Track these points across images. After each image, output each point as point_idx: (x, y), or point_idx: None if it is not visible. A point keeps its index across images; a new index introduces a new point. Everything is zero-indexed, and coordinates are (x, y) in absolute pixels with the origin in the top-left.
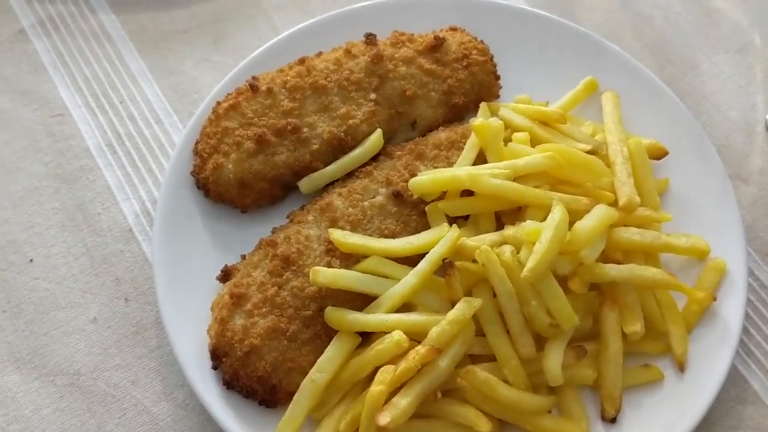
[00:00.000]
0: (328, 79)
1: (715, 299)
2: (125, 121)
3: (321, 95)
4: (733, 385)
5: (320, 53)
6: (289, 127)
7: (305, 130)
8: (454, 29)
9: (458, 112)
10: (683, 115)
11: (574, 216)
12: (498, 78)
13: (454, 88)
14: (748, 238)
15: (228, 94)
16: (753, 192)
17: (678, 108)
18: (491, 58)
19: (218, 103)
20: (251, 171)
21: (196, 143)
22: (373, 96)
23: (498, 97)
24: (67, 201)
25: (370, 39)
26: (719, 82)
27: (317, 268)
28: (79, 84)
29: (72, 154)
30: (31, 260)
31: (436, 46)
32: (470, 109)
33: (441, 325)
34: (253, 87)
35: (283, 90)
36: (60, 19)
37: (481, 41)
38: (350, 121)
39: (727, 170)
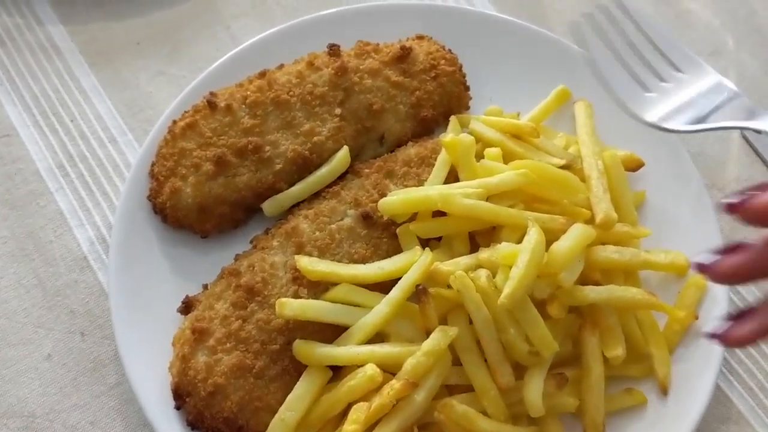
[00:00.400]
0: (291, 93)
1: (697, 318)
2: (77, 141)
3: (284, 111)
4: (717, 404)
5: (282, 65)
6: (250, 146)
7: (267, 148)
8: (420, 37)
9: (427, 125)
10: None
11: (550, 236)
12: (468, 89)
13: (423, 100)
14: None
15: (185, 111)
16: None
17: None
18: (460, 68)
19: (174, 122)
20: (211, 194)
21: (152, 165)
22: (338, 111)
23: (468, 108)
24: (16, 229)
25: (333, 50)
26: None
27: (283, 300)
28: (27, 102)
29: (21, 178)
30: None
31: (403, 56)
32: (440, 121)
33: (416, 356)
34: (211, 104)
35: (243, 106)
36: (5, 31)
37: (449, 50)
38: (315, 138)
39: (703, 179)
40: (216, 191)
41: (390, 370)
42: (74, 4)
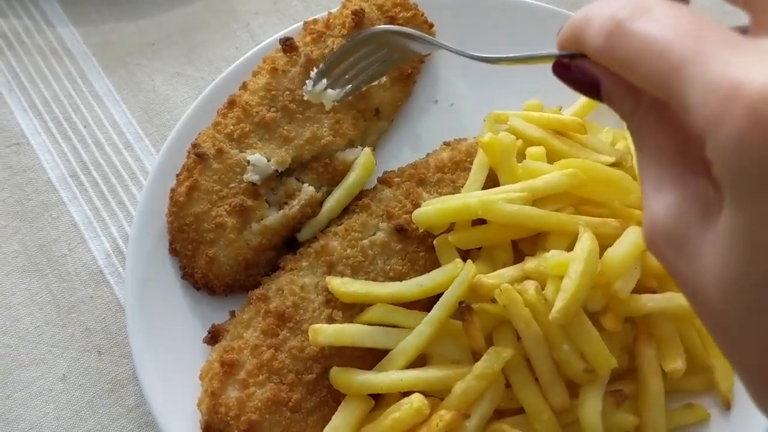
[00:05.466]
0: (272, 109)
1: None
2: (91, 148)
3: (276, 129)
4: None
5: (245, 84)
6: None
7: (283, 174)
8: None
9: (411, 81)
10: None
11: (603, 241)
12: (432, 26)
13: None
14: None
15: (177, 175)
16: None
17: None
18: (416, 7)
19: (173, 190)
20: (250, 247)
21: (171, 244)
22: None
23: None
24: (27, 242)
25: (288, 45)
26: None
27: (316, 326)
28: (38, 107)
29: (32, 189)
30: None
31: (359, 22)
32: (420, 69)
33: (466, 380)
34: (201, 155)
35: (233, 143)
36: (14, 34)
37: None
38: (322, 142)
39: None
40: (254, 242)
41: (437, 394)
42: (85, 4)
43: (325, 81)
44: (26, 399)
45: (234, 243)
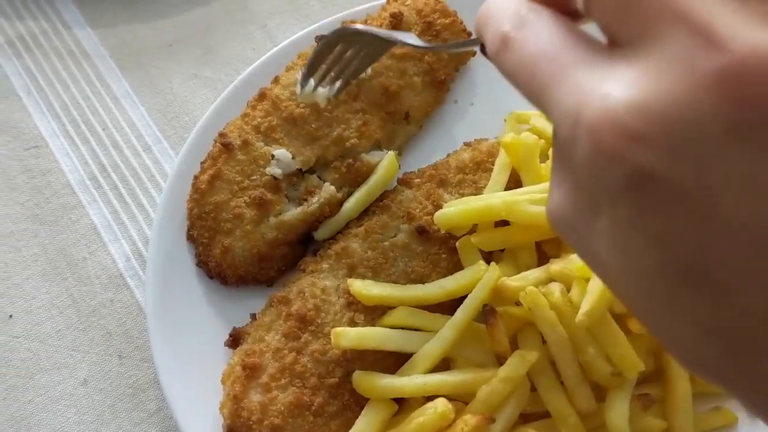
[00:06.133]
0: (301, 105)
1: None
2: (109, 151)
3: (303, 126)
4: None
5: (277, 78)
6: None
7: (305, 171)
8: None
9: (444, 88)
10: None
11: None
12: (470, 34)
13: (434, 63)
14: None
15: (201, 162)
16: None
17: None
18: (456, 14)
19: (196, 177)
20: (265, 240)
21: (189, 230)
22: (357, 105)
23: (474, 54)
24: (47, 246)
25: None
26: None
27: (339, 329)
28: (56, 110)
29: (51, 192)
30: (11, 316)
31: (396, 24)
32: (454, 77)
33: (491, 383)
34: (227, 145)
35: (259, 135)
36: (31, 37)
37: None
38: (348, 144)
39: None
40: (270, 236)
41: (461, 398)
42: (101, 6)
43: (312, 81)
44: (47, 403)
45: (250, 235)
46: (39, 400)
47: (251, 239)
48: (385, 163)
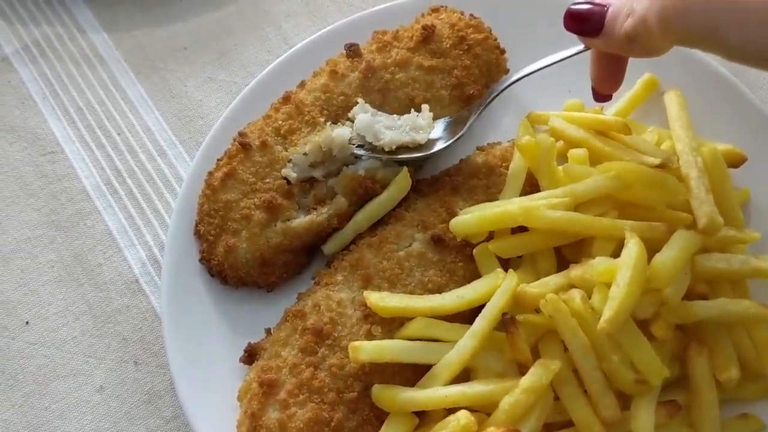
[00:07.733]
0: (324, 111)
1: None
2: (125, 156)
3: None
4: None
5: (303, 82)
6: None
7: (320, 179)
8: (436, 10)
9: (471, 101)
10: (758, 111)
11: (650, 246)
12: (503, 52)
13: (463, 78)
14: None
15: (218, 159)
16: None
17: (751, 104)
18: (490, 31)
19: (210, 174)
20: (270, 245)
21: (197, 225)
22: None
23: (507, 71)
24: (63, 251)
25: (353, 50)
26: None
27: (356, 343)
28: (72, 115)
29: (67, 197)
30: (27, 323)
31: (428, 37)
32: (483, 93)
33: (514, 394)
34: (245, 145)
35: (278, 138)
36: (46, 42)
37: (471, 15)
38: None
39: None
40: (275, 241)
41: (483, 410)
42: (116, 10)
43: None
44: (63, 410)
45: (255, 237)
46: (55, 407)
47: (256, 242)
48: (398, 178)
